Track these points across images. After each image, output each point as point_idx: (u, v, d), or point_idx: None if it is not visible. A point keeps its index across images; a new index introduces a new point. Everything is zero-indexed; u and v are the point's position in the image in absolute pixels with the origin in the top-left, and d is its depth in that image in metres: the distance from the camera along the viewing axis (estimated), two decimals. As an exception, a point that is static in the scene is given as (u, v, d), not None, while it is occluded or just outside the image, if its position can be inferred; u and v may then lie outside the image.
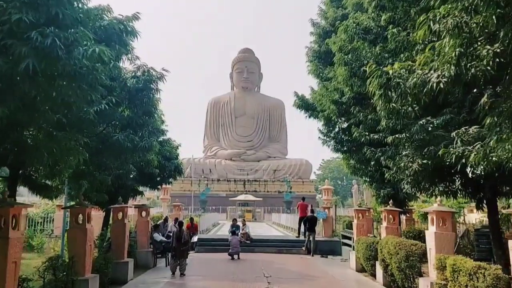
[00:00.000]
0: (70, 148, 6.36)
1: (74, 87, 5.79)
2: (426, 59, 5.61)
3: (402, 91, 5.89)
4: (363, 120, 11.14)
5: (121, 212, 11.75)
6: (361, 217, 14.79)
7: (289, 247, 18.85)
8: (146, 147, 9.18)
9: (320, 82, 16.81)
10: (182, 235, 11.89)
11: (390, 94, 6.18)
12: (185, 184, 57.11)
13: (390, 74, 6.01)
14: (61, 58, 4.78)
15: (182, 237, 11.84)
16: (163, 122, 16.12)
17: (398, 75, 5.91)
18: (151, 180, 16.40)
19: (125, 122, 9.20)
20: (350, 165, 17.75)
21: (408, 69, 6.11)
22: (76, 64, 5.03)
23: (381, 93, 6.25)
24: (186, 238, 11.98)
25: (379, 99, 6.47)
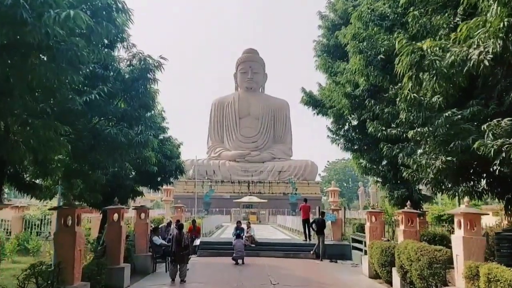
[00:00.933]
0: (50, 138, 5.51)
1: (53, 67, 4.94)
2: (468, 32, 4.71)
3: (437, 71, 4.99)
4: (379, 113, 10.24)
5: (117, 213, 10.90)
6: (374, 219, 13.85)
7: (296, 251, 17.92)
8: (142, 142, 8.32)
9: (329, 77, 15.92)
10: (183, 238, 11.02)
11: (422, 76, 5.27)
12: (188, 186, 56.35)
13: (424, 50, 5.10)
14: (27, 22, 3.93)
15: (182, 241, 10.97)
16: (164, 119, 15.29)
17: (433, 52, 5.00)
18: (151, 180, 15.57)
19: (119, 115, 8.35)
20: (360, 164, 16.87)
21: (442, 48, 5.22)
22: (49, 34, 4.18)
23: (412, 74, 5.35)
24: (187, 242, 11.11)
25: (408, 82, 5.56)
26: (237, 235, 17.20)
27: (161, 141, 15.21)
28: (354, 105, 11.81)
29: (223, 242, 18.97)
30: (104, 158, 8.75)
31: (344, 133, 16.92)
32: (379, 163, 16.41)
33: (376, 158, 15.90)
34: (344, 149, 16.78)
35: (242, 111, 66.46)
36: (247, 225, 18.40)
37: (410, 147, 9.72)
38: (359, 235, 17.49)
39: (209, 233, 25.00)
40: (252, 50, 69.10)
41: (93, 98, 7.42)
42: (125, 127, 8.13)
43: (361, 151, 16.67)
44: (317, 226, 17.26)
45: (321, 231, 17.24)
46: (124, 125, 8.16)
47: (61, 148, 5.66)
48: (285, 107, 68.42)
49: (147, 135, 8.51)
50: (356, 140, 16.56)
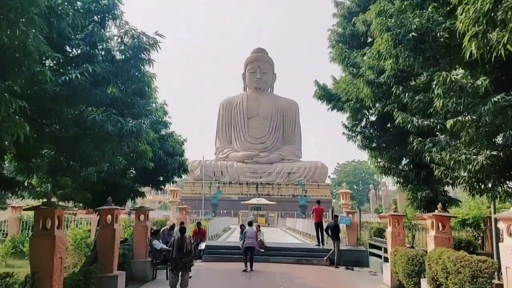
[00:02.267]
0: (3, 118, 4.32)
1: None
2: None
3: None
4: (408, 102, 8.91)
5: (110, 215, 9.71)
6: (397, 224, 12.51)
7: (309, 257, 16.60)
8: (134, 131, 7.11)
9: (346, 69, 14.61)
10: (185, 243, 9.80)
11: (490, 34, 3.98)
12: (196, 187, 55.29)
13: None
14: None
15: (184, 246, 9.75)
16: (166, 113, 14.11)
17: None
18: (152, 179, 14.38)
19: (108, 100, 7.16)
20: (379, 164, 15.53)
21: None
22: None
23: (479, 29, 4.05)
24: (189, 247, 9.89)
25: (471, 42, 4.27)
26: (249, 223, 16.70)
27: (162, 137, 14.04)
28: (377, 95, 10.48)
29: (230, 246, 17.73)
30: (91, 151, 7.56)
31: (361, 130, 15.62)
32: (398, 162, 15.09)
33: (396, 156, 14.59)
34: (362, 147, 15.43)
35: (251, 112, 65.20)
36: (257, 229, 17.08)
37: (446, 141, 8.37)
38: (377, 240, 16.14)
39: (216, 236, 23.78)
40: (261, 50, 67.86)
41: (73, 77, 6.23)
42: (114, 114, 6.92)
43: (379, 149, 15.32)
44: (332, 230, 15.94)
45: (336, 236, 15.93)
46: (113, 112, 6.96)
47: (18, 129, 4.48)
48: (294, 108, 67.02)
49: (140, 124, 7.30)
50: (374, 137, 15.25)
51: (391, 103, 10.54)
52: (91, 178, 8.87)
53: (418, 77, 9.20)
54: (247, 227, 16.19)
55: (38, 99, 6.19)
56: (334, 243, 15.87)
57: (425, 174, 13.64)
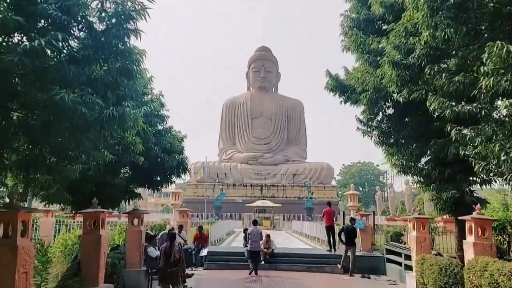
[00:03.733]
0: None
1: None
2: None
3: None
4: (444, 84, 7.53)
5: (95, 219, 8.37)
6: (422, 228, 11.11)
7: (320, 264, 15.18)
8: (116, 116, 5.79)
9: (361, 56, 13.26)
10: (173, 251, 8.50)
11: None
12: (199, 189, 54.03)
13: None
14: None
15: (172, 254, 8.45)
16: (163, 105, 12.79)
17: None
18: (148, 178, 13.08)
19: (84, 79, 5.83)
20: (397, 161, 14.15)
21: None
22: None
23: None
24: (178, 255, 8.57)
25: None
26: (254, 222, 15.71)
27: (159, 132, 12.73)
28: (404, 78, 9.08)
29: (235, 252, 16.34)
30: (67, 142, 6.24)
31: (377, 124, 14.25)
32: (419, 159, 13.72)
33: (417, 152, 13.21)
34: (378, 143, 14.05)
35: (255, 111, 63.84)
36: (266, 238, 15.55)
37: (492, 129, 6.98)
38: (395, 245, 14.72)
39: (219, 240, 22.42)
40: (265, 48, 66.52)
41: (36, 45, 4.90)
42: (90, 94, 5.58)
43: (398, 145, 13.94)
44: (346, 235, 14.51)
45: (352, 241, 14.50)
46: (88, 91, 5.61)
47: None
48: (299, 107, 65.61)
49: (124, 107, 5.97)
50: (392, 132, 13.87)
51: (419, 89, 9.15)
52: (71, 175, 7.53)
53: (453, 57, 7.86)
54: (251, 227, 14.88)
55: (2, 77, 4.88)
56: (349, 249, 14.45)
57: (449, 172, 12.25)
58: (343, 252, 14.90)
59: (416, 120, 13.30)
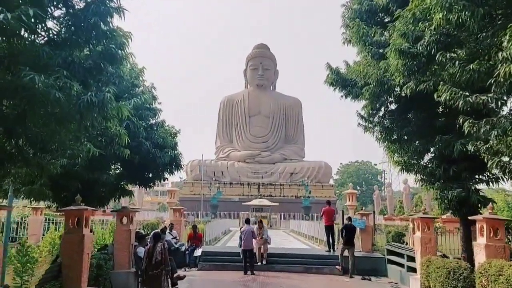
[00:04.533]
0: None
1: None
2: None
3: None
4: (457, 73, 6.94)
5: (78, 217, 7.75)
6: (427, 228, 10.54)
7: (319, 265, 14.61)
8: (94, 103, 5.17)
9: (364, 48, 12.70)
10: (155, 252, 7.92)
11: None
12: (195, 188, 53.39)
13: None
14: None
15: (154, 256, 7.88)
16: (155, 98, 12.16)
17: None
18: (139, 175, 12.45)
19: (60, 61, 5.21)
20: (399, 159, 13.62)
21: None
22: None
23: None
24: (160, 257, 7.98)
25: None
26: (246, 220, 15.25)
27: (150, 126, 12.12)
28: (411, 68, 8.48)
29: (230, 252, 15.74)
30: (43, 132, 5.63)
31: (379, 120, 13.71)
32: (423, 156, 13.19)
33: (421, 149, 12.67)
34: (380, 140, 13.52)
35: (252, 110, 63.14)
36: (259, 225, 15.04)
37: (510, 121, 6.40)
38: (397, 246, 14.16)
39: (215, 240, 21.81)
40: (263, 46, 65.79)
41: (1, 19, 4.29)
42: (66, 77, 4.96)
43: (400, 142, 13.40)
44: (346, 234, 13.94)
45: (351, 241, 13.94)
46: (64, 74, 5.00)
47: None
48: (297, 106, 64.97)
49: (104, 93, 5.35)
50: (395, 128, 13.34)
51: (427, 80, 8.56)
52: (51, 169, 6.91)
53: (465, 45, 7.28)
54: (244, 225, 14.36)
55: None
56: (347, 249, 13.89)
57: (455, 170, 11.73)
58: (339, 253, 14.41)
59: (419, 116, 12.77)
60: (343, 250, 14.18)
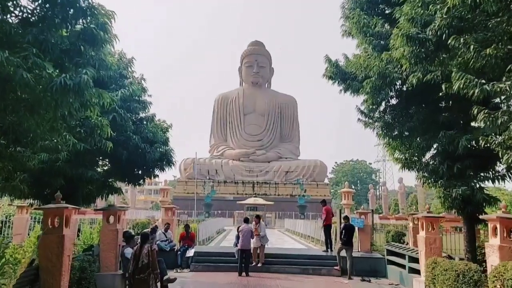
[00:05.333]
0: None
1: None
2: None
3: None
4: (472, 58, 6.37)
5: (58, 216, 7.10)
6: (431, 228, 10.00)
7: (316, 266, 14.04)
8: (69, 86, 4.54)
9: (365, 39, 12.14)
10: (141, 254, 7.32)
11: None
12: (189, 186, 52.73)
13: None
14: None
15: (140, 259, 7.27)
16: (144, 90, 11.51)
17: None
18: (128, 172, 11.82)
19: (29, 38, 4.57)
20: (400, 156, 13.12)
21: None
22: None
23: None
24: (146, 260, 7.38)
25: None
26: (245, 219, 14.64)
27: (140, 120, 11.49)
28: (418, 56, 7.90)
29: (224, 253, 15.15)
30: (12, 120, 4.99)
31: (380, 115, 13.20)
32: (423, 153, 12.69)
33: (424, 145, 12.15)
34: (381, 136, 13.01)
35: (247, 107, 62.51)
36: (255, 221, 14.38)
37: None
38: (397, 246, 13.64)
39: (208, 239, 21.21)
40: (258, 43, 65.17)
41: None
42: (35, 55, 4.33)
43: (402, 138, 12.89)
44: (345, 234, 13.41)
45: (350, 241, 13.41)
46: (33, 52, 4.36)
47: None
48: (292, 104, 64.45)
49: (81, 74, 4.72)
50: (396, 124, 12.84)
51: (434, 71, 7.99)
52: (28, 163, 6.26)
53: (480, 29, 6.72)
54: (242, 224, 13.79)
55: None
56: (345, 248, 13.37)
57: (459, 167, 11.22)
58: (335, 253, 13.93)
59: (422, 111, 12.27)
60: (340, 250, 13.66)
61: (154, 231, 13.67)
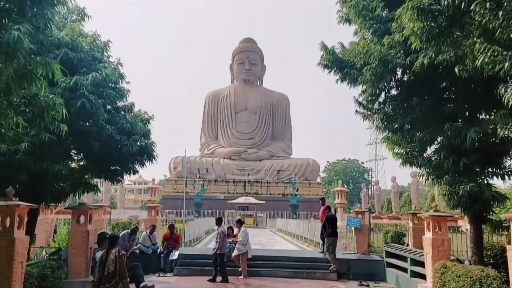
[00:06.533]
0: None
1: None
2: None
3: None
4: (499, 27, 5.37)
5: (9, 216, 5.99)
6: (438, 229, 9.05)
7: (310, 269, 13.03)
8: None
9: (364, 23, 11.16)
10: (108, 261, 6.27)
11: None
12: (178, 185, 51.56)
13: None
14: None
15: (106, 265, 6.22)
16: (122, 77, 10.39)
17: None
18: (103, 167, 10.70)
19: None
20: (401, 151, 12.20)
21: None
22: None
23: None
24: (112, 267, 6.33)
25: None
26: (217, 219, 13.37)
27: (116, 109, 10.38)
28: (431, 32, 6.89)
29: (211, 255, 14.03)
30: None
31: (379, 106, 12.29)
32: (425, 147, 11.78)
33: (428, 138, 11.21)
34: (381, 128, 12.08)
35: (239, 105, 61.40)
36: (237, 226, 13.41)
37: None
38: (397, 247, 12.70)
39: (196, 240, 20.11)
40: (249, 40, 64.07)
41: None
42: None
43: (403, 132, 11.96)
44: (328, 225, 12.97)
45: (335, 231, 13.09)
46: None
47: None
48: (285, 102, 63.49)
49: (11, 31, 3.64)
50: (398, 115, 11.92)
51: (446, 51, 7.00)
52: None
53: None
54: (215, 227, 12.86)
55: None
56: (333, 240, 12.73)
57: (465, 162, 10.28)
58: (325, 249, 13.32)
59: (425, 102, 11.36)
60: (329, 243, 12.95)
61: (134, 232, 12.56)
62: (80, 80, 8.20)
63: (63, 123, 6.13)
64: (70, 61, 8.74)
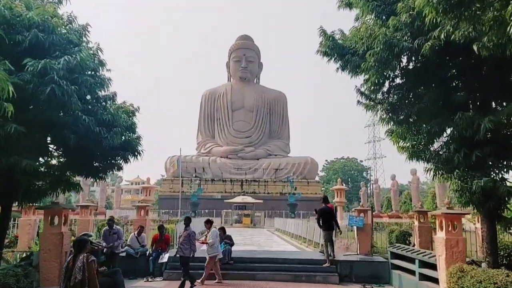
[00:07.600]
0: None
1: None
2: None
3: None
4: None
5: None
6: (452, 228, 8.16)
7: (310, 272, 12.13)
8: None
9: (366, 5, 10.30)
10: (74, 268, 5.39)
11: None
12: (174, 185, 50.62)
13: None
14: None
15: (73, 273, 5.34)
16: (102, 64, 9.44)
17: None
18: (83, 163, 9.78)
19: None
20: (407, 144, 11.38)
21: None
22: None
23: None
24: (80, 276, 5.44)
25: None
26: (185, 219, 11.90)
27: (96, 99, 9.46)
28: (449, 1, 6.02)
29: (204, 258, 13.13)
30: None
31: (383, 96, 11.42)
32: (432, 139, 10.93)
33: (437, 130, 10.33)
34: (385, 120, 11.21)
35: (235, 103, 60.41)
36: (206, 226, 12.59)
37: None
38: (403, 248, 11.83)
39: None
40: (246, 37, 63.08)
41: None
42: None
43: (408, 123, 11.12)
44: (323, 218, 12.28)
45: (331, 225, 12.33)
46: None
47: None
48: (282, 100, 62.53)
49: None
50: (403, 106, 11.08)
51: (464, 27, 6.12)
52: None
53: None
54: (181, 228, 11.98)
55: None
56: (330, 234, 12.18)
57: (478, 155, 9.39)
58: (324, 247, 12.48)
59: (433, 91, 10.49)
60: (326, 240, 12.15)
61: (111, 225, 11.52)
62: (50, 64, 7.29)
63: (9, 102, 5.18)
64: (41, 44, 7.84)
